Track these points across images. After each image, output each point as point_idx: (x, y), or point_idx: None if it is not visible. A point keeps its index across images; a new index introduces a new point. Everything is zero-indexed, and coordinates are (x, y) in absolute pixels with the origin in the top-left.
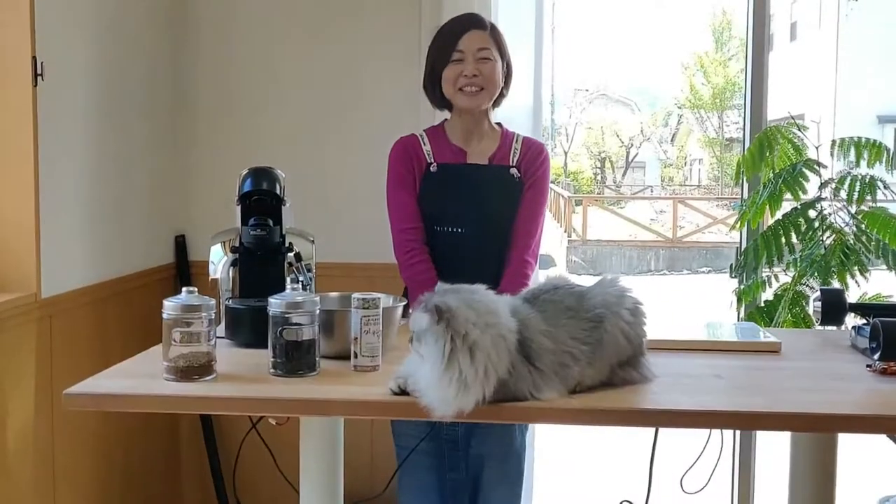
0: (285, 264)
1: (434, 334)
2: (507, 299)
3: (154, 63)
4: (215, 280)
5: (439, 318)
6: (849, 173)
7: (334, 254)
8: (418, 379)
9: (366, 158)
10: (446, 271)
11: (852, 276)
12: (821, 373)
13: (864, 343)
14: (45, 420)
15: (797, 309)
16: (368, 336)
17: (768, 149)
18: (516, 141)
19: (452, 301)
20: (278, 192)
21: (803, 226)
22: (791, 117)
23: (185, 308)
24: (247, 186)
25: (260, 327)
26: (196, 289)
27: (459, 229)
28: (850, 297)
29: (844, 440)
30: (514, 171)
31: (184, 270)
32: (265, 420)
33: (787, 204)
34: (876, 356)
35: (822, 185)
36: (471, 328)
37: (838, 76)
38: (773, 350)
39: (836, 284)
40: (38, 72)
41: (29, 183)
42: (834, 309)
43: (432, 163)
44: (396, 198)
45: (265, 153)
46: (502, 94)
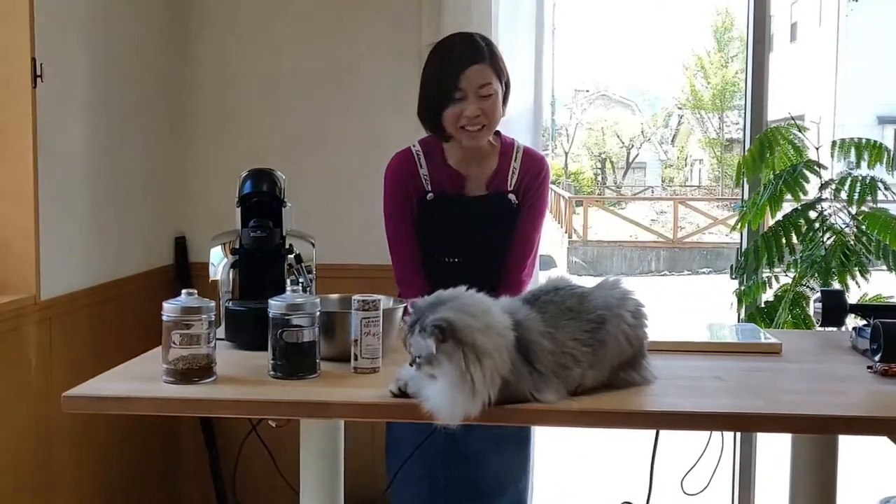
0: (285, 266)
1: (445, 354)
2: (506, 301)
3: (153, 65)
4: (215, 282)
5: (444, 337)
6: (849, 174)
7: (334, 255)
8: (426, 391)
9: (366, 160)
10: None
11: (853, 277)
12: (821, 374)
13: (864, 344)
14: (44, 422)
15: (797, 310)
16: (368, 338)
17: (769, 150)
18: (515, 159)
19: (447, 314)
20: (278, 193)
21: (804, 227)
22: (791, 118)
23: (184, 310)
24: (247, 188)
25: (260, 329)
26: (196, 291)
27: (456, 259)
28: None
29: (845, 441)
30: (511, 196)
31: (184, 272)
32: (265, 422)
33: (788, 205)
34: (877, 357)
35: (823, 186)
36: (476, 335)
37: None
38: (773, 351)
39: (836, 285)
40: (38, 73)
41: (28, 185)
42: (834, 310)
43: (429, 191)
44: (393, 227)
45: (265, 154)
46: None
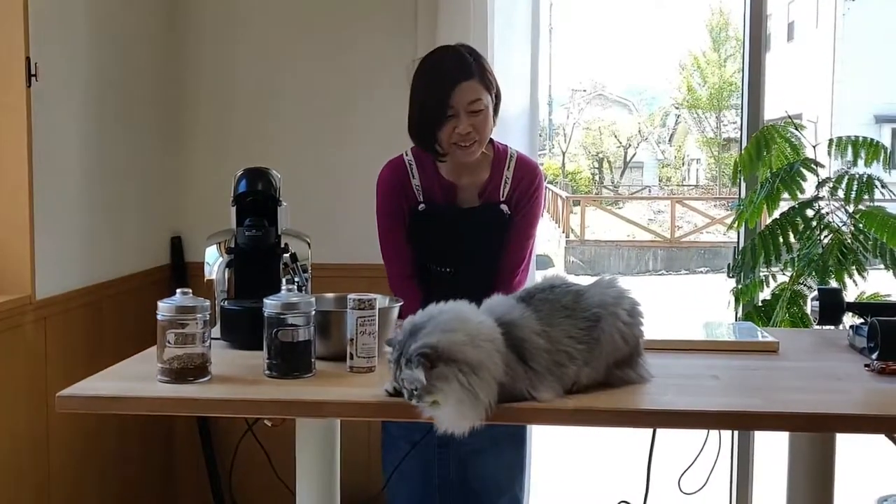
0: (281, 265)
1: (440, 378)
2: (498, 300)
3: (149, 64)
4: (211, 281)
5: (432, 363)
6: (846, 172)
7: (330, 255)
8: (435, 415)
9: (362, 158)
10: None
11: (850, 276)
12: (819, 372)
13: (862, 342)
14: (39, 422)
15: (795, 308)
16: (364, 337)
17: (766, 148)
18: (508, 168)
19: (428, 339)
20: (274, 192)
21: (801, 225)
22: (788, 117)
23: (179, 309)
24: (242, 187)
25: (255, 329)
26: (191, 290)
27: (449, 269)
28: (848, 296)
29: (843, 440)
30: (503, 207)
31: (179, 272)
32: (261, 422)
33: (785, 203)
34: (874, 356)
35: (820, 185)
36: (465, 349)
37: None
38: (770, 350)
39: (833, 284)
40: (32, 73)
41: (23, 184)
42: (832, 308)
43: (421, 202)
44: (385, 233)
45: (261, 154)
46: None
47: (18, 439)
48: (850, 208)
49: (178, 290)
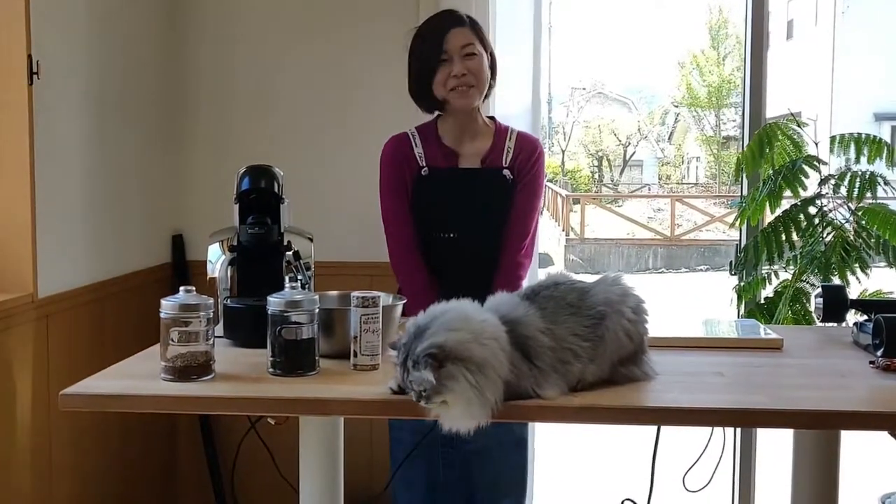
0: (283, 263)
1: (450, 378)
2: (503, 298)
3: (150, 61)
4: (213, 279)
5: (440, 363)
6: (849, 170)
7: (333, 252)
8: (444, 413)
9: (364, 156)
10: (442, 276)
11: (853, 273)
12: (823, 370)
13: (866, 340)
14: (42, 420)
15: (798, 306)
16: (368, 335)
17: (768, 145)
18: (510, 138)
19: (435, 338)
20: (276, 190)
21: (803, 222)
22: (791, 114)
23: (182, 307)
24: (245, 185)
25: (258, 326)
26: (194, 288)
27: (452, 234)
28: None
29: (846, 437)
30: (506, 172)
31: (181, 269)
32: (264, 420)
33: (787, 201)
34: (878, 353)
35: (822, 182)
36: (471, 346)
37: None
38: (774, 347)
39: (836, 281)
40: (34, 70)
41: (25, 182)
42: (835, 306)
43: (424, 167)
44: (389, 205)
45: (263, 151)
46: (491, 86)
47: (20, 438)
48: (853, 205)
49: (182, 288)
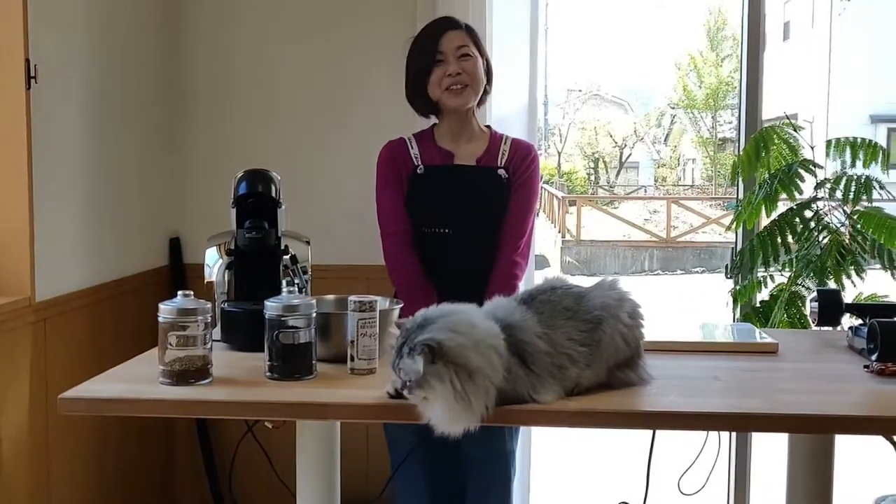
0: (281, 267)
1: (436, 376)
2: (500, 302)
3: (148, 65)
4: (211, 283)
5: (433, 357)
6: (844, 173)
7: (330, 256)
8: (426, 410)
9: (361, 160)
10: (436, 273)
11: (848, 277)
12: (818, 374)
13: (861, 343)
14: (40, 424)
15: (793, 310)
16: (365, 339)
17: (764, 149)
18: (504, 143)
19: (437, 334)
20: (274, 194)
21: (799, 226)
22: (787, 117)
23: (180, 311)
24: (242, 189)
25: (256, 330)
26: (192, 292)
27: (447, 230)
28: (847, 297)
29: (841, 440)
30: (501, 171)
31: (179, 273)
32: (261, 423)
33: (783, 204)
34: (873, 357)
35: (818, 186)
36: (468, 353)
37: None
38: (770, 351)
39: (832, 285)
40: (32, 74)
41: (23, 186)
42: (830, 309)
43: (419, 165)
44: (384, 202)
45: (259, 155)
46: (486, 91)
47: (19, 441)
48: (849, 209)
49: (180, 293)
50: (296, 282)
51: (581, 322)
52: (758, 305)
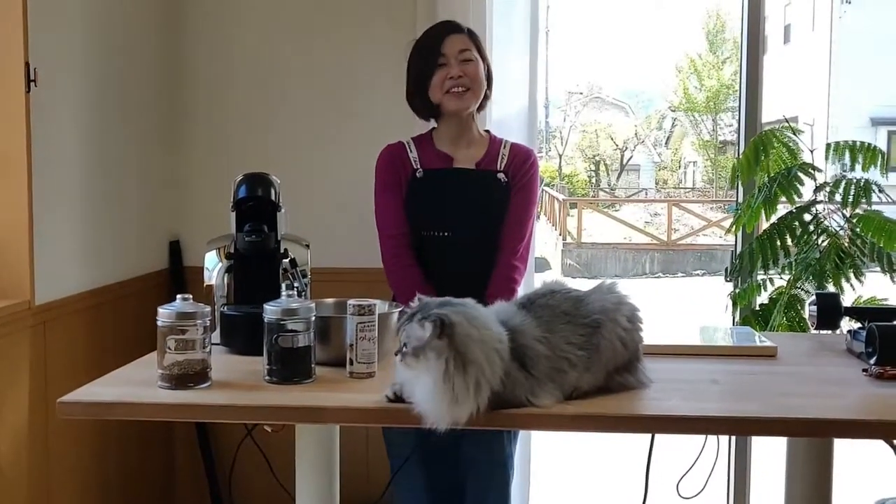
0: (280, 270)
1: (435, 350)
2: (500, 306)
3: (148, 69)
4: (210, 286)
5: (441, 331)
6: (843, 177)
7: (329, 259)
8: (413, 389)
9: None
10: (434, 276)
11: (847, 280)
12: (817, 377)
13: (859, 347)
14: (39, 427)
15: (792, 313)
16: (364, 342)
17: (763, 152)
18: (504, 147)
19: (454, 316)
20: (273, 197)
21: (798, 229)
22: (785, 120)
23: (179, 315)
24: (241, 192)
25: (255, 334)
26: (191, 296)
27: (445, 233)
28: (846, 300)
29: (840, 443)
30: (501, 175)
31: (178, 276)
32: (260, 427)
33: (783, 208)
34: (872, 360)
35: (817, 189)
36: (471, 345)
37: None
38: (769, 354)
39: (831, 288)
40: (32, 78)
41: (22, 189)
42: (829, 313)
43: (418, 168)
44: (382, 204)
45: (260, 158)
46: (486, 97)
47: (18, 445)
48: (848, 212)
49: (179, 296)
50: (295, 285)
51: (580, 326)
52: (757, 309)
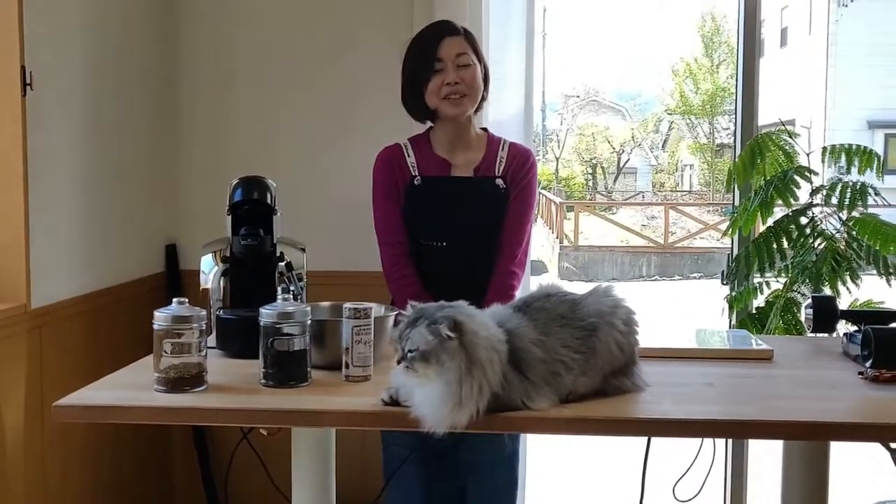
0: (276, 274)
1: (449, 352)
2: (496, 309)
3: (144, 72)
4: (206, 290)
5: (452, 332)
6: (840, 180)
7: (325, 263)
8: (412, 393)
9: (357, 167)
10: (433, 284)
11: (843, 283)
12: (813, 380)
13: (855, 350)
14: (35, 431)
15: (789, 316)
16: (360, 346)
17: (759, 156)
18: (502, 148)
19: (459, 316)
20: (269, 201)
21: (795, 232)
22: (782, 123)
23: (175, 319)
24: (237, 196)
25: (251, 338)
26: (187, 299)
27: (443, 243)
28: (842, 303)
29: (836, 446)
30: (499, 181)
31: (174, 280)
32: (256, 430)
33: (779, 211)
34: (868, 363)
35: (814, 192)
36: (477, 345)
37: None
38: (765, 357)
39: (827, 291)
40: (27, 81)
41: (18, 192)
42: (825, 316)
43: (416, 176)
44: (381, 212)
45: (255, 161)
46: (483, 98)
47: (14, 449)
48: (844, 216)
49: (175, 300)
50: (291, 289)
51: (576, 329)
52: (753, 312)
